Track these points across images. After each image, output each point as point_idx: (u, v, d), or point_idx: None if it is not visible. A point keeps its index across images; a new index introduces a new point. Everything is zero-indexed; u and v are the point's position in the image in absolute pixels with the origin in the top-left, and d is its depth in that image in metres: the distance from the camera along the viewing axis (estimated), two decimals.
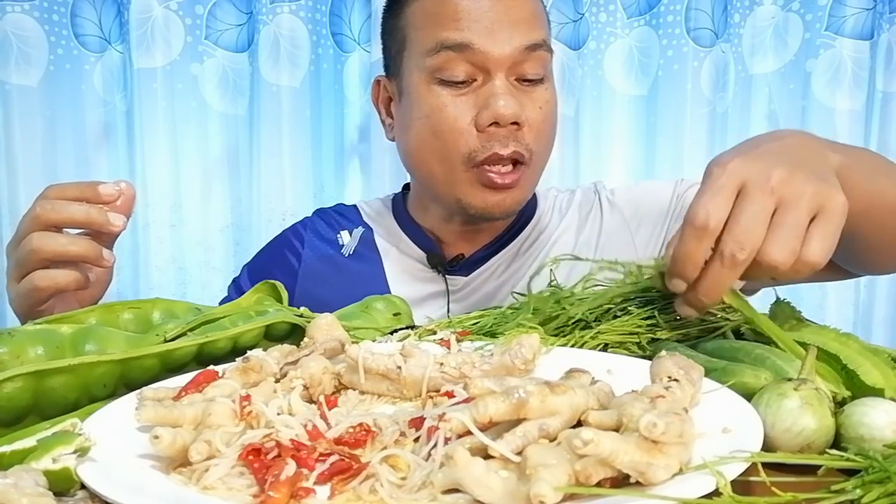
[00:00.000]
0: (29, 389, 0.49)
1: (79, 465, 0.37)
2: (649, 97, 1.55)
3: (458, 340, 0.61)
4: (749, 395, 0.44)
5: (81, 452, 0.38)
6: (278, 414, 0.44)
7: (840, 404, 0.45)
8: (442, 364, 0.52)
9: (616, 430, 0.36)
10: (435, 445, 0.38)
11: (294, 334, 0.66)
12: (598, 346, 0.62)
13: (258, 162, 1.50)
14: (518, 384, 0.38)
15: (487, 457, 0.36)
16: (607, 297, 0.67)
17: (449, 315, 0.97)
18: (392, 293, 0.95)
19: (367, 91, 1.51)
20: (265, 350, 0.54)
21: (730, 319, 0.64)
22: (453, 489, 0.36)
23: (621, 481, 0.35)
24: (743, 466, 0.35)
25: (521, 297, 0.75)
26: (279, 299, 0.74)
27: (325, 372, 0.52)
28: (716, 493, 0.33)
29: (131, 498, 0.34)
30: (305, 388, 0.51)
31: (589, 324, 0.66)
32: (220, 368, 0.53)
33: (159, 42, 1.46)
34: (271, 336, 0.65)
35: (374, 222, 1.06)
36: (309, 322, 0.62)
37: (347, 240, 1.03)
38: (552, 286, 0.73)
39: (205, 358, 0.59)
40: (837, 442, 0.42)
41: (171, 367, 0.57)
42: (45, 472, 0.36)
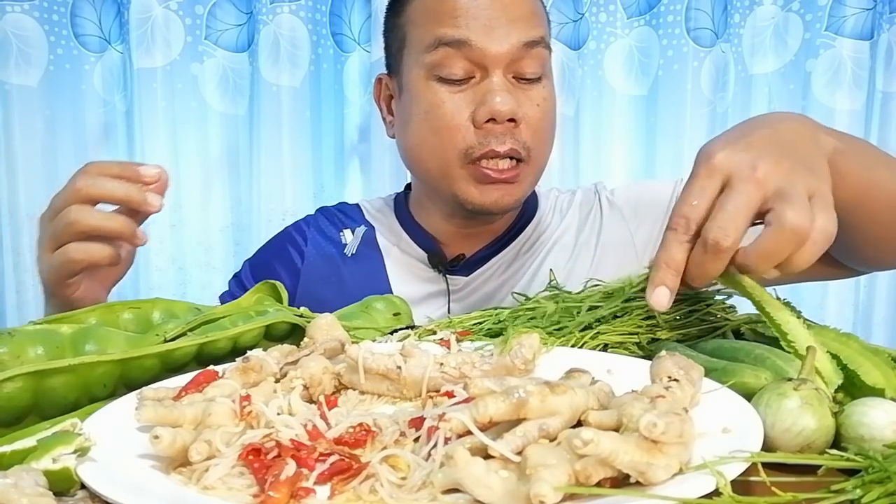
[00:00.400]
0: (29, 389, 0.49)
1: (79, 465, 0.37)
2: (649, 97, 1.55)
3: (458, 340, 0.61)
4: (749, 395, 0.44)
5: (81, 452, 0.38)
6: (278, 414, 0.44)
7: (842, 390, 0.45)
8: (442, 364, 0.52)
9: (616, 430, 0.36)
10: (435, 445, 0.38)
11: (294, 334, 0.66)
12: (598, 346, 0.62)
13: (258, 162, 1.50)
14: (518, 384, 0.38)
15: (487, 457, 0.36)
16: (607, 296, 0.67)
17: (449, 315, 0.97)
18: (393, 292, 0.97)
19: (367, 91, 1.52)
20: (265, 350, 0.54)
21: (729, 320, 0.64)
22: (453, 489, 0.36)
23: (621, 481, 0.35)
24: (743, 466, 0.35)
25: (521, 297, 0.75)
26: (279, 299, 0.74)
27: (325, 372, 0.52)
28: (716, 493, 0.33)
29: (131, 498, 0.34)
30: (305, 388, 0.51)
31: (589, 324, 0.66)
32: (220, 368, 0.53)
33: (159, 42, 1.46)
34: (271, 336, 0.65)
35: (376, 221, 1.06)
36: (309, 322, 0.62)
37: (350, 238, 1.03)
38: (552, 286, 0.73)
39: (205, 358, 0.59)
40: (837, 442, 0.42)
41: (171, 367, 0.57)
42: (45, 472, 0.36)
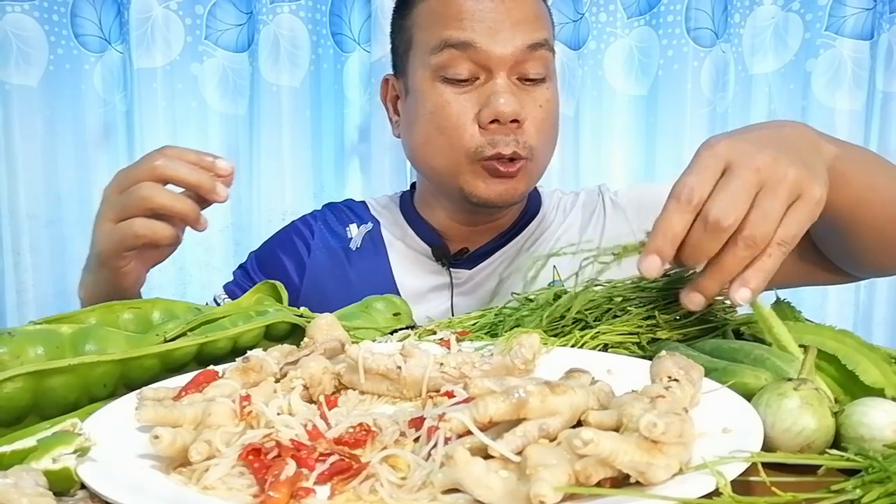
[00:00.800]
0: (29, 389, 0.49)
1: (79, 465, 0.37)
2: (649, 97, 1.55)
3: (458, 340, 0.61)
4: (749, 396, 0.44)
5: (81, 452, 0.38)
6: (278, 414, 0.44)
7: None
8: (442, 364, 0.52)
9: (616, 430, 0.36)
10: (435, 445, 0.38)
11: (294, 334, 0.66)
12: (598, 346, 0.62)
13: (258, 162, 1.50)
14: (518, 384, 0.38)
15: (487, 457, 0.36)
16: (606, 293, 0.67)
17: (452, 308, 0.98)
18: (397, 285, 0.99)
19: (367, 91, 1.52)
20: (265, 350, 0.54)
21: (729, 320, 0.64)
22: (453, 489, 0.36)
23: (621, 481, 0.35)
24: (743, 466, 0.35)
25: (519, 296, 0.75)
26: (279, 299, 0.74)
27: (325, 372, 0.52)
28: (716, 493, 0.33)
29: (131, 498, 0.34)
30: (305, 388, 0.51)
31: (589, 324, 0.66)
32: (220, 368, 0.53)
33: (159, 42, 1.46)
34: (271, 336, 0.65)
35: (382, 216, 1.08)
36: (309, 322, 0.62)
37: (355, 233, 1.05)
38: (552, 285, 0.74)
39: (205, 358, 0.59)
40: (837, 442, 0.42)
41: (171, 367, 0.57)
42: (45, 472, 0.36)
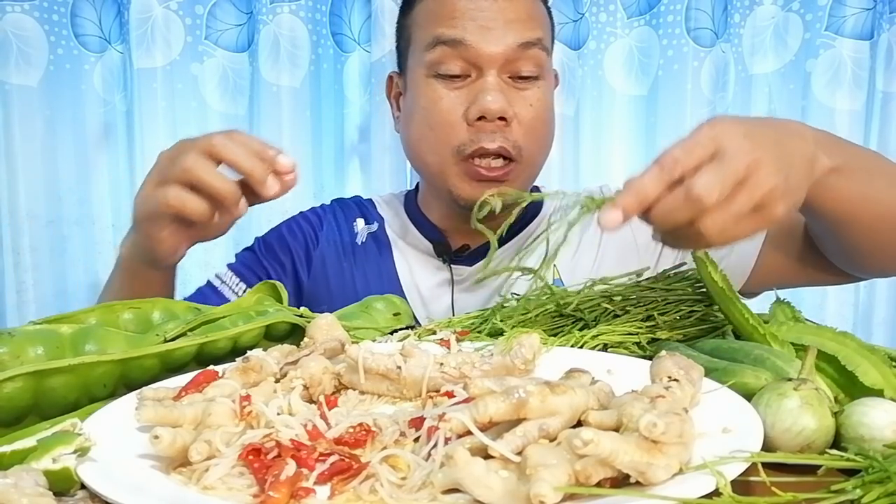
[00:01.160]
0: (29, 389, 0.48)
1: (79, 465, 0.37)
2: (649, 97, 1.55)
3: (458, 340, 0.61)
4: (749, 395, 0.44)
5: (81, 452, 0.38)
6: (278, 414, 0.44)
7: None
8: (442, 364, 0.52)
9: (616, 430, 0.36)
10: (435, 445, 0.38)
11: (294, 334, 0.66)
12: (598, 346, 0.62)
13: None
14: (518, 384, 0.38)
15: (487, 457, 0.36)
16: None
17: (453, 305, 0.99)
18: (400, 281, 1.00)
19: (368, 91, 1.51)
20: (265, 350, 0.54)
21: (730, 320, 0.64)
22: (453, 489, 0.36)
23: (621, 481, 0.35)
24: (743, 466, 0.35)
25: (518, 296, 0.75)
26: (279, 299, 0.74)
27: (325, 372, 0.52)
28: (716, 493, 0.33)
29: (131, 498, 0.34)
30: (305, 388, 0.51)
31: (588, 324, 0.66)
32: (220, 368, 0.53)
33: (159, 42, 1.46)
34: (271, 336, 0.65)
35: (386, 213, 1.10)
36: (309, 322, 0.62)
37: (361, 228, 1.07)
38: (554, 284, 0.74)
39: (205, 358, 0.59)
40: (837, 442, 0.42)
41: (171, 367, 0.57)
42: (45, 472, 0.36)
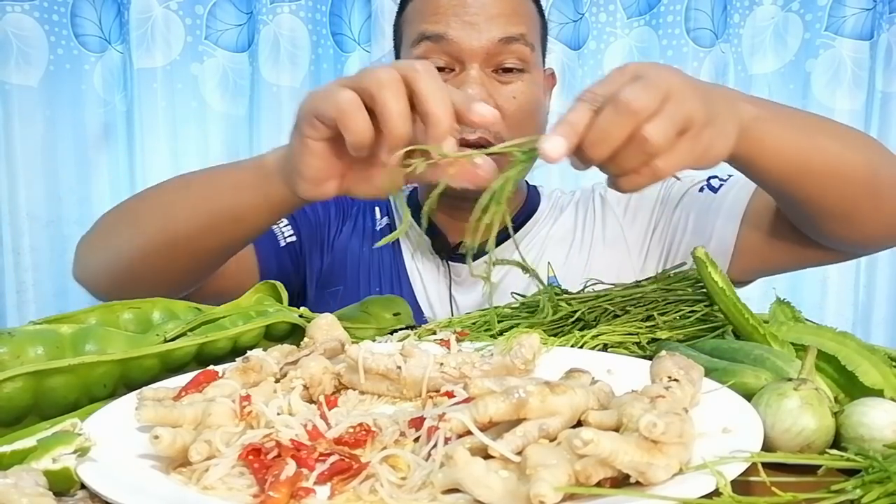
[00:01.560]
0: (29, 389, 0.48)
1: (79, 465, 0.37)
2: None
3: (458, 340, 0.61)
4: (749, 395, 0.44)
5: (81, 452, 0.38)
6: (278, 414, 0.44)
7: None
8: (442, 364, 0.52)
9: (616, 430, 0.36)
10: (435, 445, 0.38)
11: (294, 334, 0.66)
12: (597, 346, 0.62)
13: None
14: (518, 384, 0.38)
15: (487, 457, 0.36)
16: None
17: (451, 301, 1.00)
18: (408, 274, 1.03)
19: None
20: (265, 350, 0.54)
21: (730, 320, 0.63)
22: (453, 489, 0.36)
23: (621, 481, 0.35)
24: (743, 466, 0.35)
25: (520, 297, 0.75)
26: (279, 299, 0.74)
27: (325, 372, 0.52)
28: (716, 493, 0.33)
29: (131, 498, 0.34)
30: (305, 388, 0.51)
31: (589, 324, 0.66)
32: (220, 368, 0.53)
33: (159, 42, 1.46)
34: (271, 336, 0.65)
35: (394, 209, 1.11)
36: (309, 322, 0.62)
37: (379, 217, 1.09)
38: (550, 284, 0.74)
39: (205, 358, 0.59)
40: (837, 442, 0.42)
41: (171, 367, 0.57)
42: (45, 472, 0.36)
